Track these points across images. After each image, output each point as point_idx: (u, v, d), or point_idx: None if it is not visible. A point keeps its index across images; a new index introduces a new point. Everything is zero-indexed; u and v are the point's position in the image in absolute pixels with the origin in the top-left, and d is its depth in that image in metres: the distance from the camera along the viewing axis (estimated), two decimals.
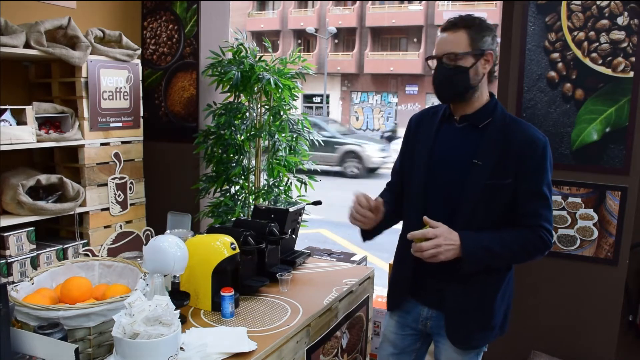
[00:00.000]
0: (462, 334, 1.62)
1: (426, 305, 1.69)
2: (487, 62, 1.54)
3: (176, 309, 1.31)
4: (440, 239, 1.45)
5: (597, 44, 2.12)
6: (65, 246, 2.64)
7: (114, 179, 2.87)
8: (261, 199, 3.12)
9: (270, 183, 3.22)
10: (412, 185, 1.67)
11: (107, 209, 2.85)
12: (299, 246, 2.39)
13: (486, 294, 1.60)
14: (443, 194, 1.58)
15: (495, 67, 1.59)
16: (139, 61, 2.98)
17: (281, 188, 3.23)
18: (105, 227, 2.85)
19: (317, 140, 3.33)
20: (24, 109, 2.39)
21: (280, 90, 3.01)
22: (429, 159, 1.61)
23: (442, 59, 1.53)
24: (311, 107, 25.56)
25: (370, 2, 24.50)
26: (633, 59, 2.07)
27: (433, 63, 1.57)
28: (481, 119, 1.57)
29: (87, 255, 1.94)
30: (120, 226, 2.91)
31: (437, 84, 1.56)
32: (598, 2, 2.10)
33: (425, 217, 1.50)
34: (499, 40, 2.32)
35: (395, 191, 1.78)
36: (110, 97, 2.81)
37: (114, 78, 2.82)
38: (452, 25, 1.52)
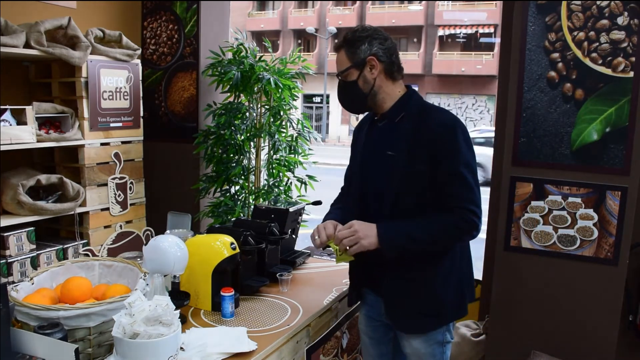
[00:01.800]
0: (402, 319, 1.67)
1: (380, 297, 1.72)
2: (372, 67, 1.63)
3: (176, 309, 1.31)
4: (355, 227, 1.56)
5: (597, 44, 2.12)
6: (65, 246, 2.64)
7: (114, 179, 2.87)
8: (261, 199, 3.12)
9: (270, 183, 3.22)
10: (352, 188, 1.77)
11: (107, 209, 2.85)
12: (299, 246, 2.39)
13: (422, 282, 1.63)
14: (373, 190, 1.66)
15: (399, 64, 1.69)
16: (139, 61, 2.98)
17: (281, 188, 3.23)
18: (105, 227, 2.85)
19: (317, 139, 3.33)
20: (24, 109, 2.39)
21: (280, 90, 3.01)
22: (360, 159, 1.72)
23: (339, 77, 1.68)
24: (311, 107, 25.54)
25: (370, 2, 24.49)
26: (633, 59, 2.07)
27: None
28: (396, 114, 1.65)
29: (87, 255, 1.94)
30: (120, 226, 2.91)
31: (340, 101, 1.74)
32: (598, 2, 2.10)
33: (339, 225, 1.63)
34: (498, 40, 2.32)
35: (344, 199, 1.87)
36: (110, 97, 2.81)
37: (114, 78, 2.82)
38: (335, 47, 1.70)
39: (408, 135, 1.58)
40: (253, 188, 3.22)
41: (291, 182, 3.26)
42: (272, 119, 3.16)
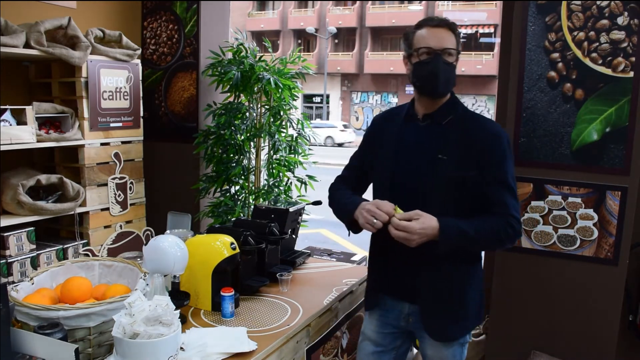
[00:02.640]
0: (437, 325, 1.65)
1: (406, 300, 1.70)
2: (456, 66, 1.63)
3: (176, 309, 1.31)
4: (415, 235, 1.48)
5: (597, 44, 2.12)
6: (65, 246, 2.64)
7: (114, 179, 2.87)
8: (261, 199, 3.12)
9: (270, 183, 3.22)
10: (379, 182, 1.71)
11: (107, 209, 2.85)
12: (299, 246, 2.39)
13: (457, 284, 1.64)
14: (411, 190, 1.62)
15: None
16: (139, 61, 2.98)
17: (281, 188, 3.23)
18: (105, 227, 2.85)
19: (316, 139, 3.34)
20: (24, 109, 2.39)
21: (280, 90, 3.01)
22: (395, 156, 1.66)
23: (441, 54, 1.56)
24: (311, 107, 25.55)
25: (370, 2, 24.49)
26: (633, 59, 2.07)
27: (421, 54, 1.57)
28: (444, 116, 1.63)
29: (87, 255, 1.94)
30: (120, 226, 2.91)
31: (436, 78, 1.56)
32: (598, 2, 2.10)
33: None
34: (498, 40, 2.32)
35: (351, 186, 1.81)
36: (110, 97, 2.81)
37: (114, 78, 2.82)
38: (445, 24, 1.59)
39: (458, 140, 1.58)
40: (253, 188, 3.22)
41: (291, 182, 3.26)
42: (272, 119, 3.16)
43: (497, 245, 1.62)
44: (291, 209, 2.15)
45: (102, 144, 2.79)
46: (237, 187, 3.27)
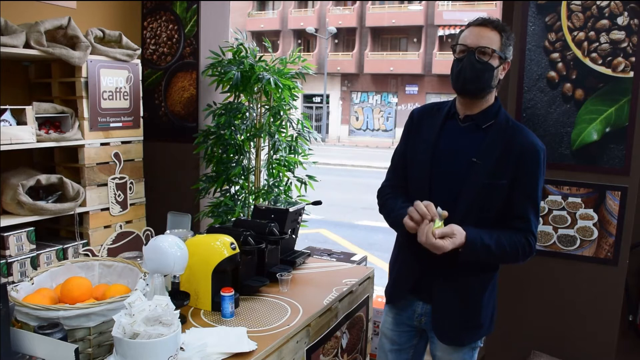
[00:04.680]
0: (448, 330, 1.65)
1: (421, 300, 1.71)
2: (504, 70, 1.60)
3: (176, 309, 1.31)
4: (441, 252, 1.48)
5: (597, 44, 2.12)
6: (65, 246, 2.64)
7: (114, 179, 2.87)
8: (261, 199, 3.12)
9: (270, 183, 3.22)
10: (414, 181, 1.68)
11: (107, 209, 2.85)
12: (299, 246, 2.39)
13: (474, 292, 1.64)
14: (445, 190, 1.60)
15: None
16: (139, 61, 2.98)
17: (281, 188, 3.23)
18: (105, 227, 2.85)
19: (317, 139, 3.34)
20: (24, 109, 2.39)
21: (280, 90, 3.01)
22: (432, 154, 1.63)
23: (475, 52, 1.54)
24: (311, 107, 25.54)
25: (370, 2, 24.50)
26: (633, 59, 2.07)
27: (458, 52, 1.58)
28: (485, 120, 1.61)
29: (87, 255, 1.94)
30: (120, 226, 2.91)
31: (464, 75, 1.54)
32: (598, 2, 2.10)
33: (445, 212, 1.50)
34: None
35: (401, 188, 1.74)
36: (110, 97, 2.81)
37: (114, 78, 2.82)
38: (490, 23, 1.56)
39: (498, 146, 1.56)
40: (253, 188, 3.22)
41: (291, 182, 3.26)
42: (272, 119, 3.16)
43: (512, 260, 1.59)
44: (291, 209, 2.15)
45: (102, 144, 2.79)
46: (237, 187, 3.27)
